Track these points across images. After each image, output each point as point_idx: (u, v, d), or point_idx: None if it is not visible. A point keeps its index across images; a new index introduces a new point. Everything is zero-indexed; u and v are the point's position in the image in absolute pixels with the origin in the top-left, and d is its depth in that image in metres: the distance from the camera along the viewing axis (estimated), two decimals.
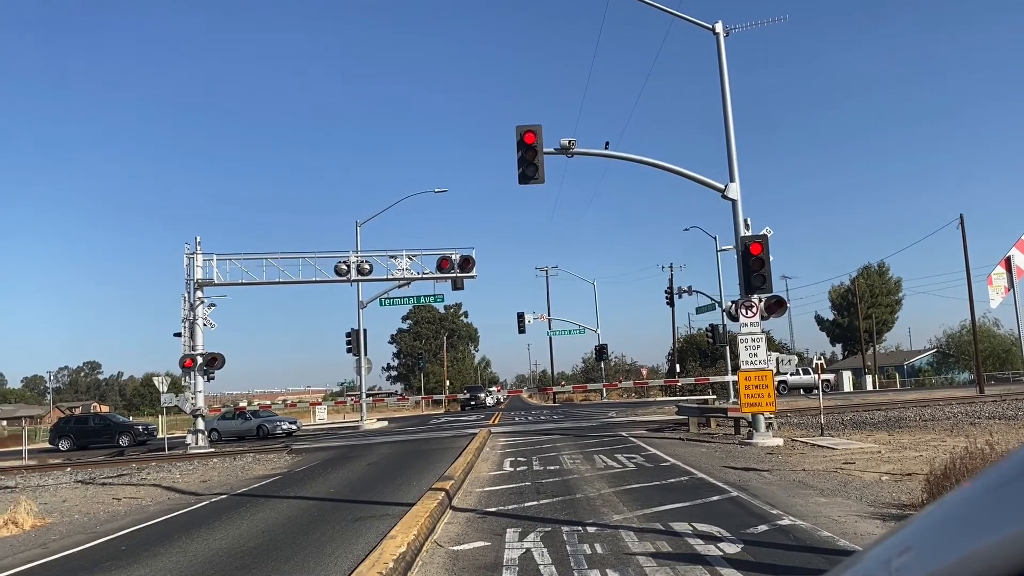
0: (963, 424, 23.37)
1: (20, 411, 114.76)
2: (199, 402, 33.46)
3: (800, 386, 57.25)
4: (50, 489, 21.35)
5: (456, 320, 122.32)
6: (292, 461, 25.26)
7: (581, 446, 22.31)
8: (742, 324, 21.43)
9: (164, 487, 19.92)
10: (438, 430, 35.67)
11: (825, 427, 22.99)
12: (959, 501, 0.89)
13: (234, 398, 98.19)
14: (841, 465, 15.22)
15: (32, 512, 14.42)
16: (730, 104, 23.04)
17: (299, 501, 15.14)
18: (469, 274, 36.55)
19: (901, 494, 11.41)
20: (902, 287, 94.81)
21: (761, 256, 20.91)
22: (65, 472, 26.48)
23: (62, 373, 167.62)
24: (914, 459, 15.42)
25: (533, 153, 21.36)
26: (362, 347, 46.05)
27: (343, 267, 35.44)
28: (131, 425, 45.82)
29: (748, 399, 20.87)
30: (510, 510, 11.76)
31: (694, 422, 26.57)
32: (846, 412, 31.01)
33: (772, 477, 14.12)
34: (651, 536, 9.22)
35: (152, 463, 27.70)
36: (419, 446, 27.08)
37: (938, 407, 31.48)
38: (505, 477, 16.02)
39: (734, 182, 22.49)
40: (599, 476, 15.32)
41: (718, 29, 23.22)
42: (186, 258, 34.11)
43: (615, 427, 29.75)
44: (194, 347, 33.39)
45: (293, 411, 61.54)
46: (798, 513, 10.22)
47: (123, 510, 15.96)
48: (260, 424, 42.15)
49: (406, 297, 48.87)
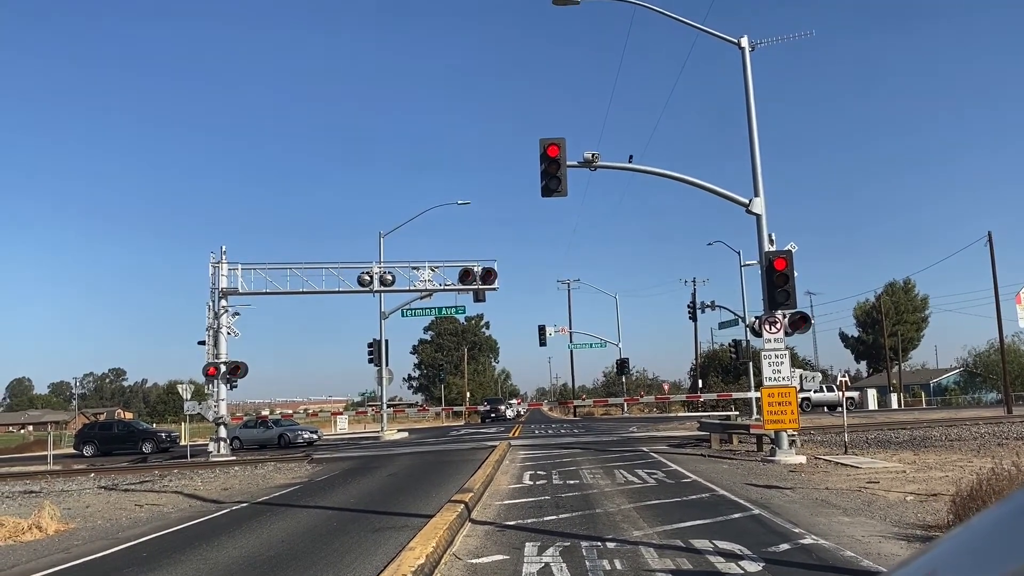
0: (990, 444, 23.00)
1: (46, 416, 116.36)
2: (222, 410, 33.68)
3: (824, 403, 56.65)
4: (74, 494, 21.55)
5: (477, 332, 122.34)
6: (312, 470, 25.33)
7: (601, 460, 22.20)
8: (765, 340, 21.26)
9: (186, 494, 20.04)
10: (458, 442, 35.64)
11: (849, 445, 22.72)
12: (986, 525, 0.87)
13: (256, 407, 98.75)
14: (865, 484, 15.02)
15: (56, 517, 14.55)
16: (755, 118, 22.95)
17: (319, 511, 15.17)
18: (491, 286, 36.59)
19: (926, 515, 11.24)
20: (928, 304, 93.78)
21: (785, 272, 20.75)
22: (89, 478, 26.73)
23: (88, 379, 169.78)
24: (940, 479, 15.19)
25: (556, 166, 21.38)
26: (383, 358, 46.14)
27: (366, 278, 35.60)
28: (154, 432, 46.16)
29: (771, 416, 20.67)
30: (529, 524, 11.71)
31: (716, 438, 26.36)
32: (870, 430, 30.64)
33: (794, 495, 13.97)
34: (671, 553, 9.15)
35: (174, 470, 27.89)
36: (439, 457, 27.07)
37: (964, 427, 31.02)
38: (525, 490, 15.97)
39: (759, 196, 22.37)
40: (619, 491, 15.23)
41: (744, 44, 23.15)
42: (211, 267, 34.41)
43: (636, 442, 29.57)
44: (218, 355, 33.64)
45: (314, 420, 61.72)
46: (820, 532, 10.10)
47: (145, 516, 16.07)
48: (281, 433, 42.30)
49: (428, 308, 48.92)
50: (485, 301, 42.82)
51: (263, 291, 35.39)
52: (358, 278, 35.70)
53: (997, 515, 0.85)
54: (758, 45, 23.32)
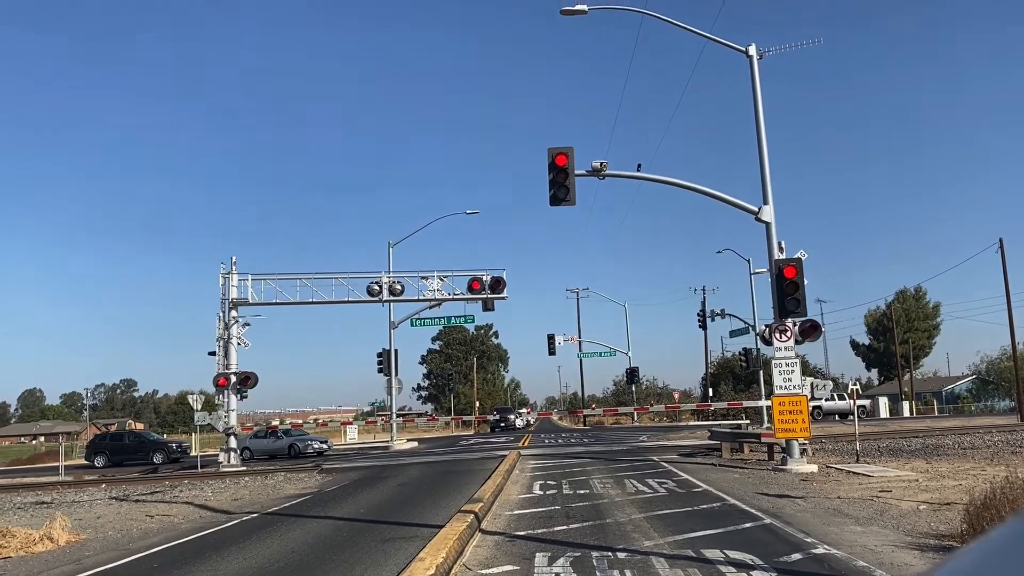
0: (1004, 453, 22.83)
1: (58, 427, 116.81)
2: (232, 421, 33.74)
3: (835, 412, 56.36)
4: (85, 505, 21.61)
5: (486, 341, 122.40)
6: (322, 481, 25.33)
7: (612, 470, 22.12)
8: (776, 348, 21.18)
9: (196, 505, 20.06)
10: (468, 451, 35.60)
11: (861, 454, 22.58)
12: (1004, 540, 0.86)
13: (266, 417, 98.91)
14: (877, 493, 14.92)
15: (67, 528, 14.60)
16: (763, 126, 22.93)
17: (329, 521, 15.17)
18: (500, 295, 36.63)
19: (939, 524, 11.15)
20: (940, 312, 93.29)
21: (795, 280, 20.69)
22: (100, 488, 26.81)
23: (99, 390, 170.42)
24: (953, 488, 15.07)
25: (564, 175, 21.40)
26: (393, 367, 46.16)
27: (375, 287, 35.67)
28: (165, 443, 46.31)
29: (782, 424, 20.58)
30: (539, 534, 11.67)
31: (727, 447, 26.24)
32: (882, 439, 30.45)
33: (806, 504, 13.88)
34: (682, 563, 9.09)
35: (185, 481, 27.94)
36: (449, 467, 27.03)
37: (977, 435, 30.79)
38: (535, 500, 15.92)
39: (768, 204, 22.33)
40: (630, 501, 15.17)
41: (751, 52, 23.16)
42: (221, 278, 34.54)
43: (646, 451, 29.47)
44: (228, 366, 33.72)
45: (324, 430, 61.73)
46: (833, 542, 10.02)
47: (155, 527, 16.10)
48: (291, 443, 42.33)
49: (437, 318, 48.98)
50: (494, 310, 42.88)
51: (273, 301, 35.50)
52: (367, 288, 35.78)
53: (1015, 530, 0.84)
54: (766, 53, 23.31)
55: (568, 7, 23.36)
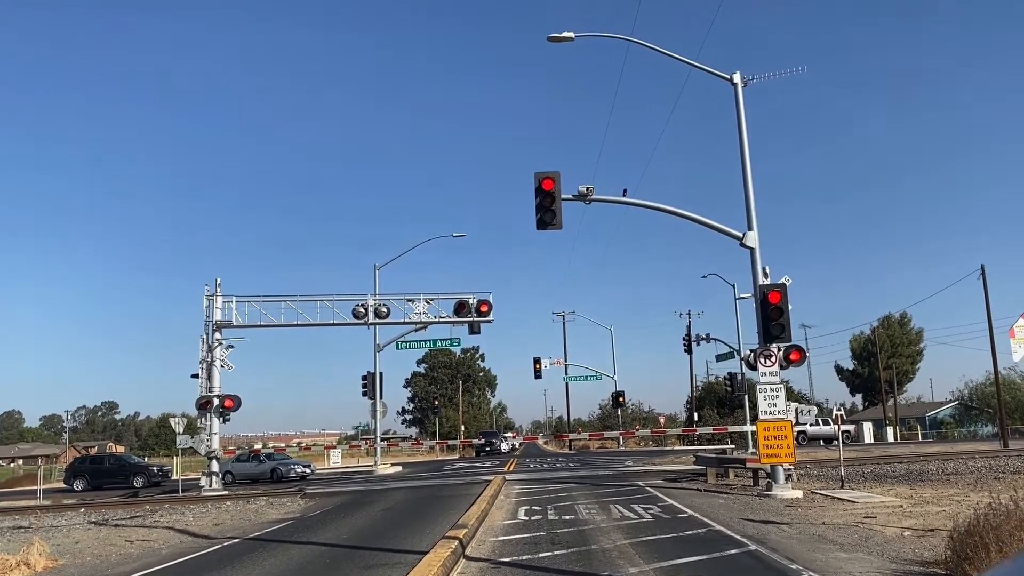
0: (987, 479, 22.92)
1: (37, 450, 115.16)
2: (214, 444, 33.40)
3: (820, 437, 56.47)
4: (63, 530, 21.29)
5: (472, 364, 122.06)
6: (305, 505, 25.08)
7: (597, 495, 22.04)
8: (761, 373, 21.25)
9: (177, 530, 19.81)
10: (452, 476, 35.38)
11: (845, 479, 22.61)
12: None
13: (249, 440, 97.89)
14: (862, 519, 14.93)
15: (44, 553, 14.36)
16: (748, 153, 23.16)
17: (311, 547, 15.00)
18: (486, 318, 36.58)
19: (924, 550, 11.16)
20: (923, 337, 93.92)
21: (780, 305, 20.81)
22: (79, 513, 26.42)
23: (80, 412, 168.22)
24: (937, 514, 15.11)
25: (551, 199, 21.51)
26: (378, 390, 45.94)
27: (361, 310, 35.55)
28: (146, 466, 45.74)
29: (767, 450, 20.59)
30: (524, 560, 11.59)
31: (712, 472, 26.21)
32: (867, 464, 30.52)
33: (791, 530, 13.87)
34: None
35: (166, 505, 27.59)
36: (433, 492, 26.85)
37: (961, 461, 30.92)
38: (520, 526, 15.83)
39: (752, 230, 22.50)
40: (615, 527, 15.11)
41: (736, 79, 23.43)
42: (205, 300, 34.34)
43: (632, 476, 29.39)
44: (211, 388, 33.45)
45: (307, 454, 61.19)
46: (818, 568, 10.01)
47: (135, 552, 15.87)
48: (274, 467, 41.98)
49: (423, 341, 48.77)
50: (480, 333, 42.77)
51: (257, 324, 35.29)
52: (353, 310, 35.65)
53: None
54: (750, 81, 23.60)
55: (555, 34, 23.60)
